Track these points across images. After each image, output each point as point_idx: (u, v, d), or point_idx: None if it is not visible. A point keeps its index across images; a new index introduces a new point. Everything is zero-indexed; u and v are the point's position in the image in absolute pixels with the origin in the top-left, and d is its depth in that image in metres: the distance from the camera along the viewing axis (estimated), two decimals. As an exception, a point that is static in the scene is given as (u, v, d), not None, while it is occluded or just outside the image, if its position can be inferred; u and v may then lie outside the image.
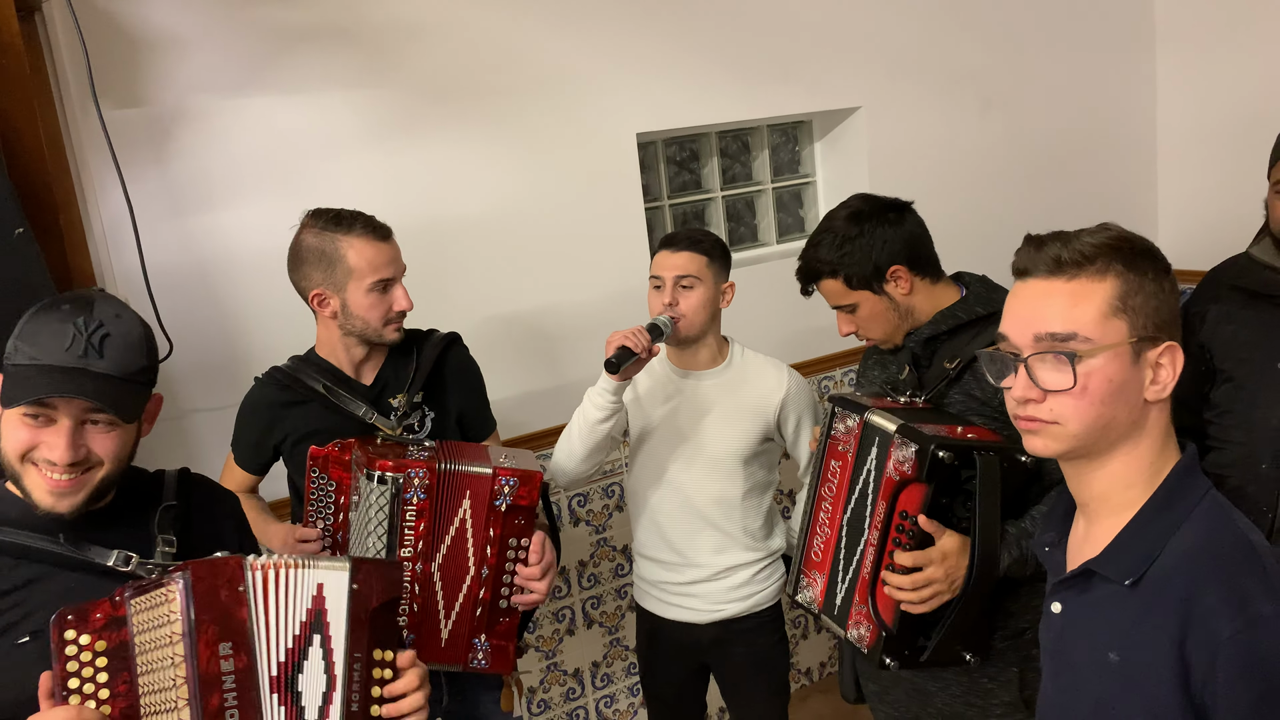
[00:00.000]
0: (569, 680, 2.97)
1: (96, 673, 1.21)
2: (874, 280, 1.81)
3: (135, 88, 2.22)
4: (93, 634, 1.22)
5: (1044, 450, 1.16)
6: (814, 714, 3.21)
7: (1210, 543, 1.10)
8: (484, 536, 1.78)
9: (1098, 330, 1.10)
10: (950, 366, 1.77)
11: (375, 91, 2.47)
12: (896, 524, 1.62)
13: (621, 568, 2.99)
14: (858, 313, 1.85)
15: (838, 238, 1.82)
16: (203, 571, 1.26)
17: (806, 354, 3.18)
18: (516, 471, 1.77)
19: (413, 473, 1.73)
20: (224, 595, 1.26)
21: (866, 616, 1.68)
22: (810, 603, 1.82)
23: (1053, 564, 1.28)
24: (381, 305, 1.87)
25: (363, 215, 1.88)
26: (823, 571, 1.78)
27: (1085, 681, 1.18)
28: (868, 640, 1.69)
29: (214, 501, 1.56)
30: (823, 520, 1.80)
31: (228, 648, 1.24)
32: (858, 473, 1.72)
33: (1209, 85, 3.67)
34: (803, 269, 1.89)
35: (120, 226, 2.19)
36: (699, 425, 2.14)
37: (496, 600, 1.82)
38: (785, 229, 3.41)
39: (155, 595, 1.24)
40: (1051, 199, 3.57)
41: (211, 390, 2.38)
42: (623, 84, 2.79)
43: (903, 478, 1.61)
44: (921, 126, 3.33)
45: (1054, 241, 1.15)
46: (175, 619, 1.24)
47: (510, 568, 1.81)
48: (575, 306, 2.81)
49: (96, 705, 1.20)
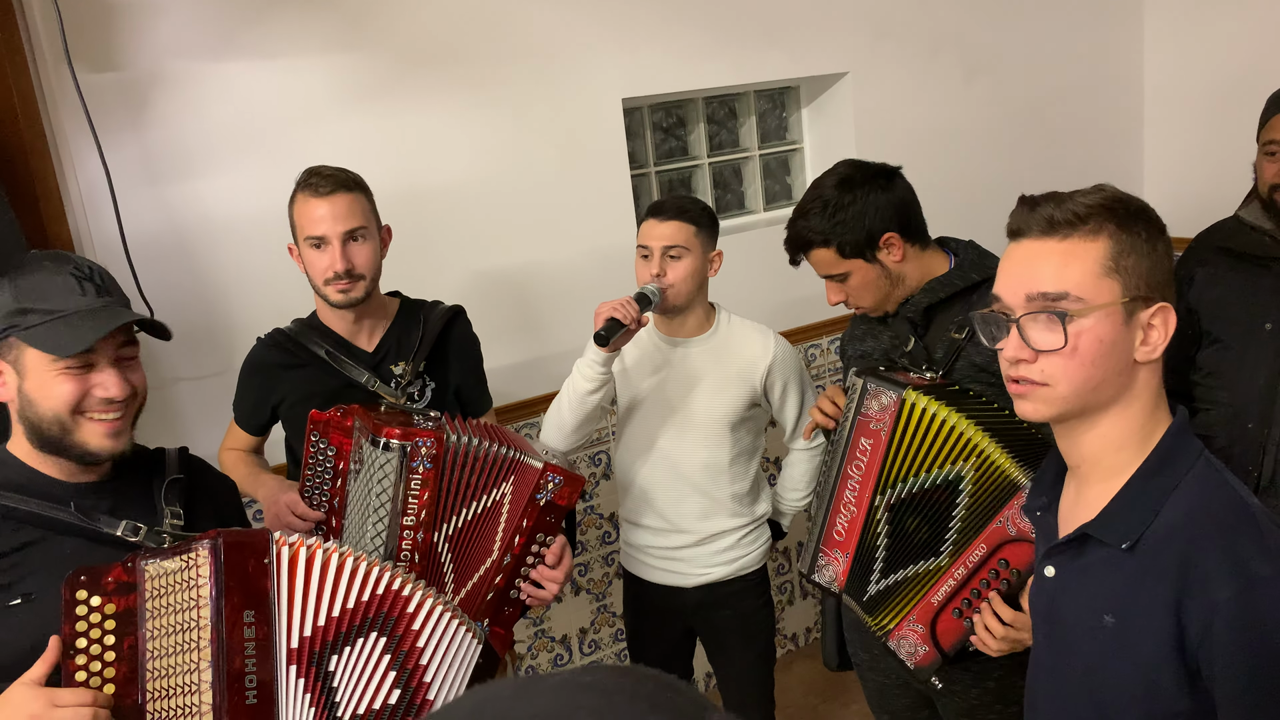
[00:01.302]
0: (557, 647, 2.99)
1: (104, 634, 1.25)
2: (866, 248, 1.77)
3: (110, 51, 2.18)
4: (103, 596, 1.25)
5: (1034, 415, 1.16)
6: (799, 679, 3.23)
7: (1206, 506, 1.10)
8: (515, 525, 1.78)
9: (1089, 290, 1.10)
10: (959, 336, 1.74)
11: (355, 56, 2.43)
12: (990, 569, 1.59)
13: (609, 535, 3.00)
14: (849, 281, 1.82)
15: (829, 206, 1.78)
16: (232, 539, 1.31)
17: (794, 322, 3.17)
18: (564, 472, 1.78)
19: (420, 442, 1.71)
20: (251, 566, 1.32)
21: (923, 638, 1.67)
22: (830, 582, 1.78)
23: (1044, 528, 1.28)
24: (319, 263, 1.84)
25: (321, 172, 1.85)
26: (846, 551, 1.75)
27: (1078, 644, 1.19)
28: (919, 659, 1.68)
29: (214, 485, 1.58)
30: (848, 499, 1.76)
31: (251, 615, 1.30)
32: (899, 455, 1.68)
33: (1196, 49, 3.65)
34: (792, 238, 1.85)
35: (97, 193, 2.16)
36: (686, 392, 2.13)
37: (509, 590, 1.82)
38: (772, 196, 3.39)
39: (178, 561, 1.29)
40: (1038, 163, 3.57)
41: (192, 358, 2.36)
42: (608, 49, 2.75)
43: (1020, 534, 1.57)
44: (908, 92, 3.31)
45: (1047, 202, 1.15)
46: (203, 583, 1.29)
47: (532, 562, 1.81)
48: (561, 275, 2.79)
49: (101, 666, 1.24)
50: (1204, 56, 3.63)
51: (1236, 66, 3.52)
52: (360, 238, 1.86)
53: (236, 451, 2.05)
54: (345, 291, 1.85)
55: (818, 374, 3.26)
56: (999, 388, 1.66)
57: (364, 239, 1.86)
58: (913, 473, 1.67)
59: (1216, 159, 3.61)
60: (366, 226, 1.87)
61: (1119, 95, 3.80)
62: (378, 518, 1.73)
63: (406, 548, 1.75)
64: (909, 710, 1.94)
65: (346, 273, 1.83)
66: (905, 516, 1.69)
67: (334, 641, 1.36)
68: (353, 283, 1.85)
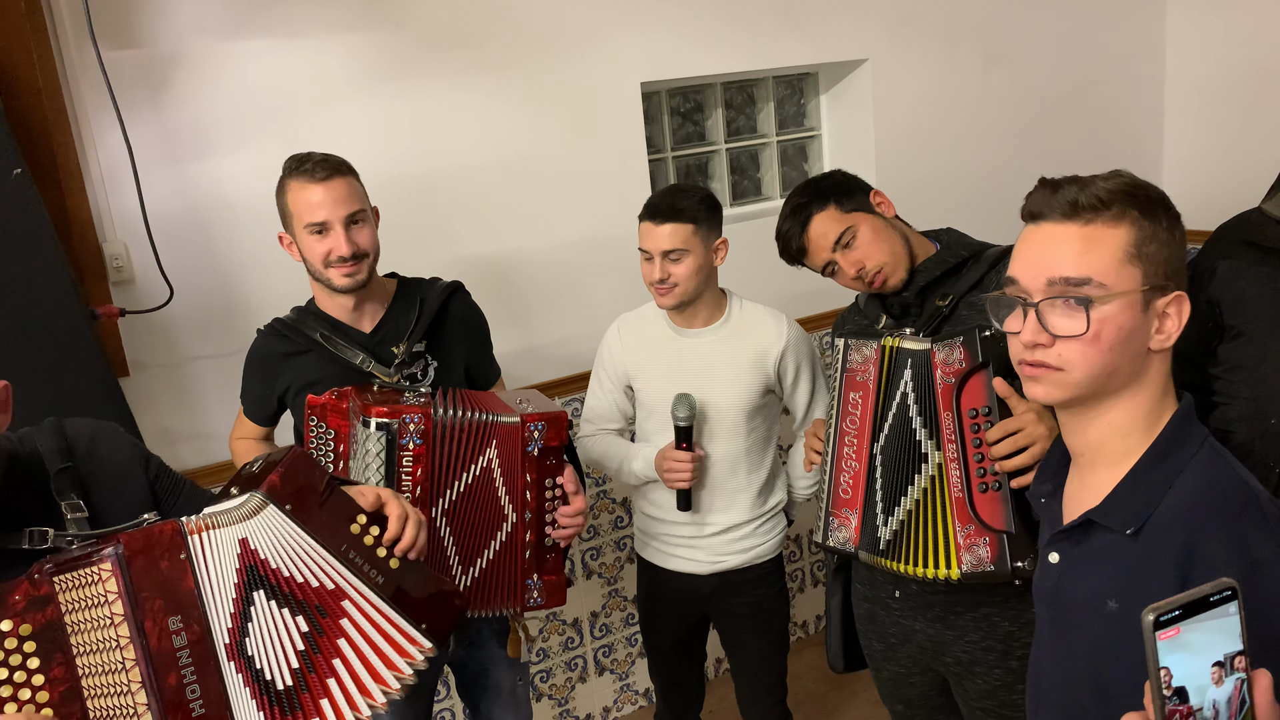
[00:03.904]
0: (568, 630, 3.00)
1: (26, 659, 1.12)
2: (863, 197, 1.83)
3: (133, 29, 2.18)
4: (14, 618, 1.12)
5: (1045, 397, 1.15)
6: (809, 665, 3.24)
7: (1210, 489, 1.10)
8: (521, 482, 1.82)
9: (1112, 276, 1.09)
10: (943, 304, 1.78)
11: (375, 36, 2.43)
12: (971, 424, 1.59)
13: (621, 520, 3.01)
14: (858, 238, 1.81)
15: (811, 183, 1.88)
16: (137, 543, 1.16)
17: (808, 310, 3.16)
18: (543, 415, 1.80)
19: (407, 418, 1.73)
20: (165, 565, 1.17)
21: (977, 533, 1.59)
22: (845, 543, 1.74)
23: (1049, 515, 1.28)
24: (321, 249, 1.84)
25: (312, 157, 1.85)
26: (854, 508, 1.74)
27: (1082, 629, 1.19)
28: (989, 558, 1.59)
29: (110, 457, 1.38)
30: (848, 455, 1.75)
31: (178, 621, 1.17)
32: (889, 398, 1.70)
33: (1219, 40, 3.62)
34: (789, 217, 1.87)
35: (119, 171, 2.17)
36: (701, 382, 2.13)
37: (542, 540, 1.87)
38: (789, 183, 3.37)
39: (85, 574, 1.14)
40: (1056, 153, 3.54)
41: (211, 337, 2.37)
42: (627, 32, 2.74)
43: (959, 375, 1.59)
44: (928, 79, 3.29)
45: (1070, 185, 1.13)
46: (113, 598, 1.14)
47: (550, 507, 1.87)
48: (578, 258, 2.79)
49: (32, 693, 1.11)
50: (1227, 48, 3.59)
51: (1260, 59, 3.49)
52: (360, 220, 1.87)
53: (247, 441, 2.06)
54: (351, 275, 1.85)
55: (829, 363, 3.26)
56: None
57: (363, 221, 1.87)
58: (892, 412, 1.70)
59: (1237, 151, 3.58)
60: (364, 209, 1.88)
61: (1140, 86, 3.77)
62: None
63: None
64: (923, 698, 1.94)
65: (353, 255, 1.84)
66: (890, 452, 1.71)
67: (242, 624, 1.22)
68: (358, 264, 1.85)
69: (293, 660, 1.24)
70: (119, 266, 2.24)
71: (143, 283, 2.26)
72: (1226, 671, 0.89)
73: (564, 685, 3.03)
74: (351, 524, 1.30)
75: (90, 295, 2.17)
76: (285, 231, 1.91)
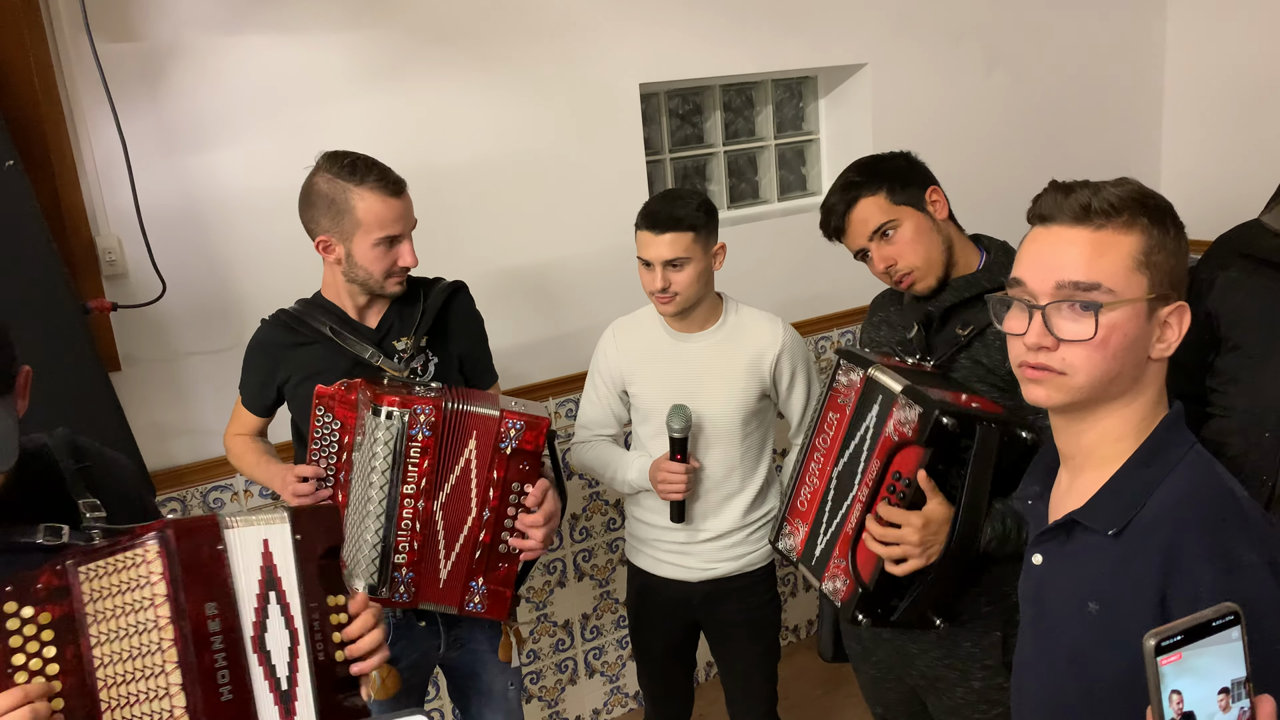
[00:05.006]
0: (559, 631, 2.99)
1: (42, 646, 1.16)
2: (918, 190, 1.75)
3: (129, 21, 2.17)
4: (35, 605, 1.16)
5: (1045, 400, 1.15)
6: (798, 669, 3.24)
7: (1194, 494, 1.10)
8: (487, 478, 1.79)
9: (1121, 283, 1.09)
10: (963, 333, 1.73)
11: (373, 32, 2.42)
12: (888, 484, 1.60)
13: (614, 522, 3.00)
14: (898, 234, 1.74)
15: (875, 160, 1.78)
16: (182, 528, 1.22)
17: (805, 313, 3.16)
18: (523, 415, 1.78)
19: (419, 409, 1.74)
20: (205, 554, 1.23)
21: (845, 571, 1.66)
22: (789, 550, 1.80)
23: (1035, 517, 1.28)
24: (386, 260, 1.86)
25: (378, 166, 1.85)
26: (806, 521, 1.76)
27: (1063, 630, 1.19)
28: (843, 594, 1.67)
29: (112, 464, 1.43)
30: (813, 471, 1.77)
31: (213, 607, 1.22)
32: (855, 427, 1.69)
33: (1219, 48, 3.62)
34: (838, 191, 1.78)
35: (113, 163, 2.16)
36: (697, 388, 2.12)
37: (496, 544, 1.83)
38: (787, 186, 3.37)
39: (122, 559, 1.19)
40: (1055, 159, 3.54)
41: (204, 333, 2.36)
42: (627, 32, 2.74)
43: (901, 439, 1.58)
44: (927, 85, 3.29)
45: (1082, 189, 1.13)
46: (156, 579, 1.19)
47: (513, 513, 1.82)
48: (572, 257, 2.78)
49: (46, 680, 1.15)
50: (1227, 56, 3.60)
51: (1259, 68, 3.49)
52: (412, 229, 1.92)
53: (243, 438, 2.05)
54: (404, 282, 1.91)
55: (827, 367, 3.26)
56: (1007, 392, 1.66)
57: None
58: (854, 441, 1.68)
59: (1235, 160, 3.58)
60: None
61: (1139, 93, 3.78)
62: (379, 487, 1.75)
63: (408, 516, 1.77)
64: (901, 703, 1.94)
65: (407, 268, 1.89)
66: (841, 479, 1.70)
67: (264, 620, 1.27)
68: (406, 273, 1.91)
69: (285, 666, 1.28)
70: (112, 260, 2.22)
71: (135, 277, 2.25)
72: (1233, 697, 0.88)
73: (554, 687, 3.02)
74: (330, 596, 1.32)
75: (82, 289, 2.16)
76: (329, 234, 1.85)
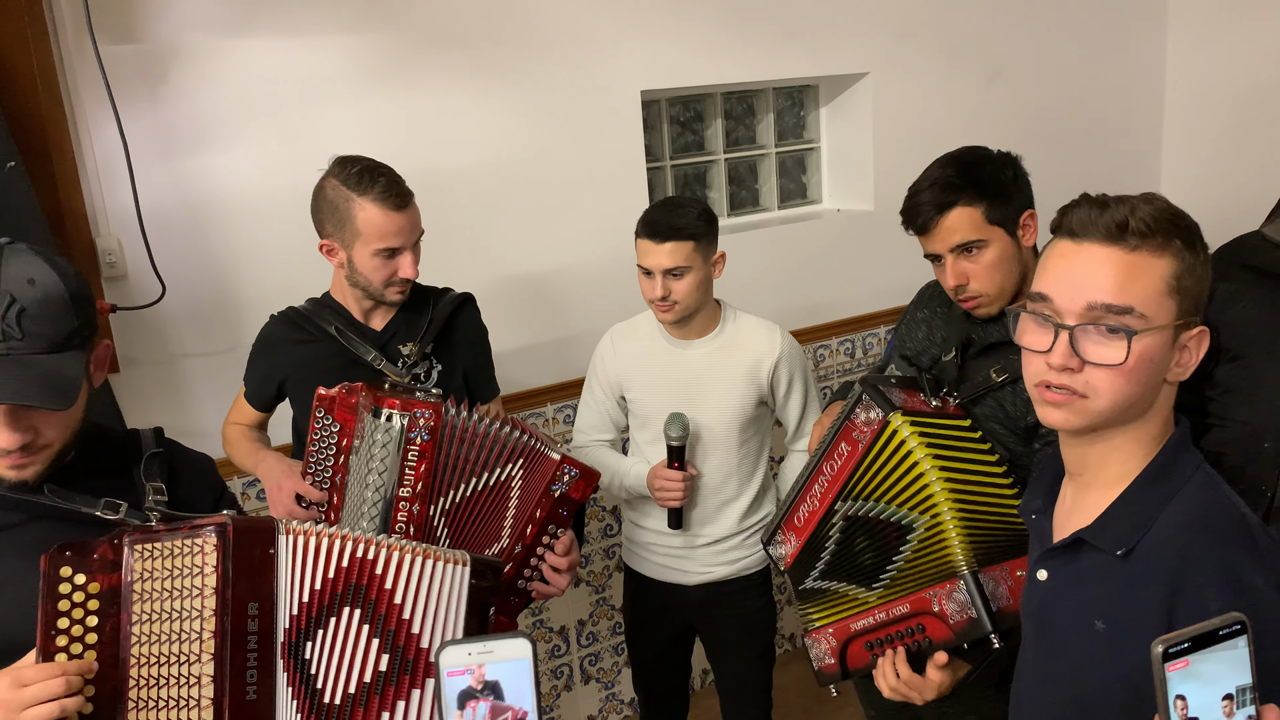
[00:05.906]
0: (554, 637, 2.99)
1: (87, 615, 1.18)
2: (1017, 215, 1.65)
3: (131, 23, 2.17)
4: (88, 574, 1.18)
5: (1063, 424, 1.12)
6: (795, 678, 3.23)
7: (1203, 515, 1.09)
8: (529, 515, 1.80)
9: (1153, 308, 1.06)
10: (997, 379, 1.68)
11: (374, 37, 2.43)
12: (909, 626, 1.60)
13: (610, 528, 3.00)
14: (982, 255, 1.65)
15: (990, 162, 1.68)
16: (242, 528, 1.24)
17: (804, 322, 3.16)
18: (580, 465, 1.80)
19: (418, 413, 1.75)
20: (257, 555, 1.25)
21: (833, 651, 1.70)
22: (780, 559, 1.82)
23: (1039, 531, 1.27)
24: (385, 270, 1.87)
25: (385, 177, 1.85)
26: (800, 538, 1.77)
27: (1067, 647, 1.18)
28: (824, 665, 1.73)
29: (195, 461, 1.51)
30: (815, 492, 1.76)
31: (254, 608, 1.24)
32: (866, 473, 1.64)
33: (1219, 61, 3.63)
34: (939, 187, 1.66)
35: (114, 165, 2.16)
36: (694, 395, 2.12)
37: (516, 580, 1.83)
38: (787, 194, 3.38)
39: (179, 545, 1.22)
40: (1053, 172, 3.50)
41: (203, 334, 2.36)
42: (629, 40, 2.74)
43: (942, 614, 1.55)
44: (928, 94, 3.29)
45: (1118, 205, 1.08)
46: (209, 570, 1.21)
47: (540, 554, 1.82)
48: (573, 263, 2.78)
49: (82, 649, 1.18)
50: (1226, 69, 3.60)
51: (1259, 82, 3.50)
52: (418, 242, 1.92)
53: (240, 426, 2.07)
54: (405, 291, 1.92)
55: (826, 375, 3.25)
56: (1020, 441, 1.65)
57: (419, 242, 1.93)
58: (873, 497, 1.63)
59: (1235, 172, 3.59)
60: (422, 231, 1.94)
61: (1139, 105, 3.79)
62: (375, 488, 1.75)
63: (402, 519, 1.77)
64: (893, 708, 1.94)
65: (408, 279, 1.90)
66: (856, 533, 1.67)
67: (306, 628, 1.28)
68: (408, 284, 1.92)
69: (353, 685, 1.30)
70: (112, 262, 2.22)
71: (135, 278, 2.25)
72: (1237, 704, 0.88)
73: (549, 693, 3.01)
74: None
75: (82, 290, 2.16)
76: (332, 239, 1.88)
